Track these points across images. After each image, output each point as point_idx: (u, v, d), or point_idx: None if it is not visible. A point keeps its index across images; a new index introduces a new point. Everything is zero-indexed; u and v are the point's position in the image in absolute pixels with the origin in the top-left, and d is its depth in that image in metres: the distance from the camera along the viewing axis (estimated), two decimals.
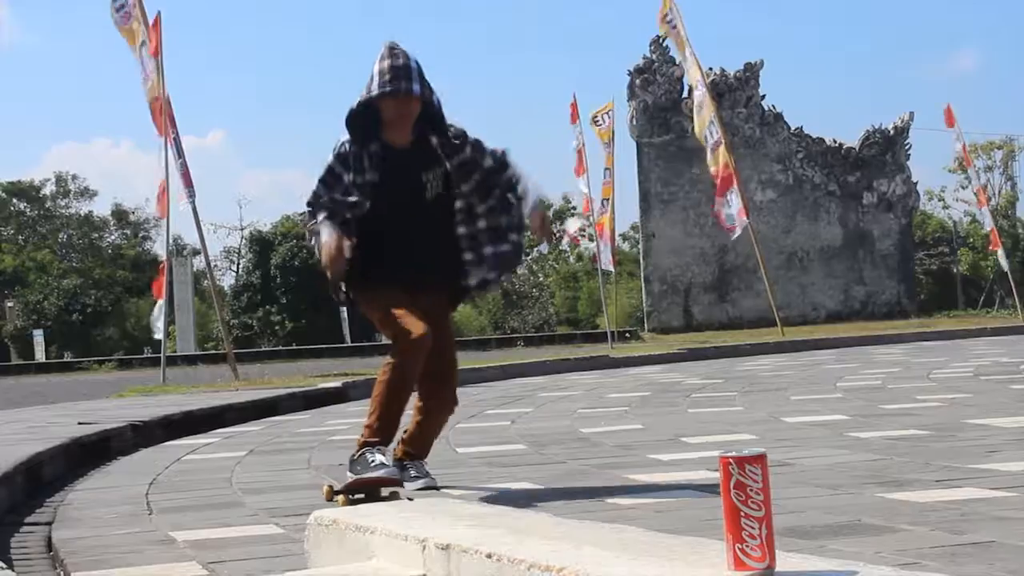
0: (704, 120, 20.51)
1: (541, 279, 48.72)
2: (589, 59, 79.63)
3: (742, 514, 2.11)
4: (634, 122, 27.88)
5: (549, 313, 43.76)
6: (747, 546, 2.11)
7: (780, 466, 4.83)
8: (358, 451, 4.45)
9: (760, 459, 2.14)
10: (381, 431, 4.47)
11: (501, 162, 4.75)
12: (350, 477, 4.37)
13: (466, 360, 13.40)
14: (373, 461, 4.34)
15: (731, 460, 2.13)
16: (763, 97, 28.79)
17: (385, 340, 4.79)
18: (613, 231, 23.11)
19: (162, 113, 13.98)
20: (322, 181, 4.61)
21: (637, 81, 28.21)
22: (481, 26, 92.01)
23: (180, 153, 14.36)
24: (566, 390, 11.10)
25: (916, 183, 29.78)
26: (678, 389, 10.44)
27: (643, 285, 28.65)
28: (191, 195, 14.37)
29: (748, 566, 2.11)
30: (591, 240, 20.57)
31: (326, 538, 3.19)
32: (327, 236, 4.48)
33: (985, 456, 4.91)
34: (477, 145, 4.71)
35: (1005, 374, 10.31)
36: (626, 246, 51.89)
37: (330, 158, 4.61)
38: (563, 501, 4.29)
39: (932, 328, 22.46)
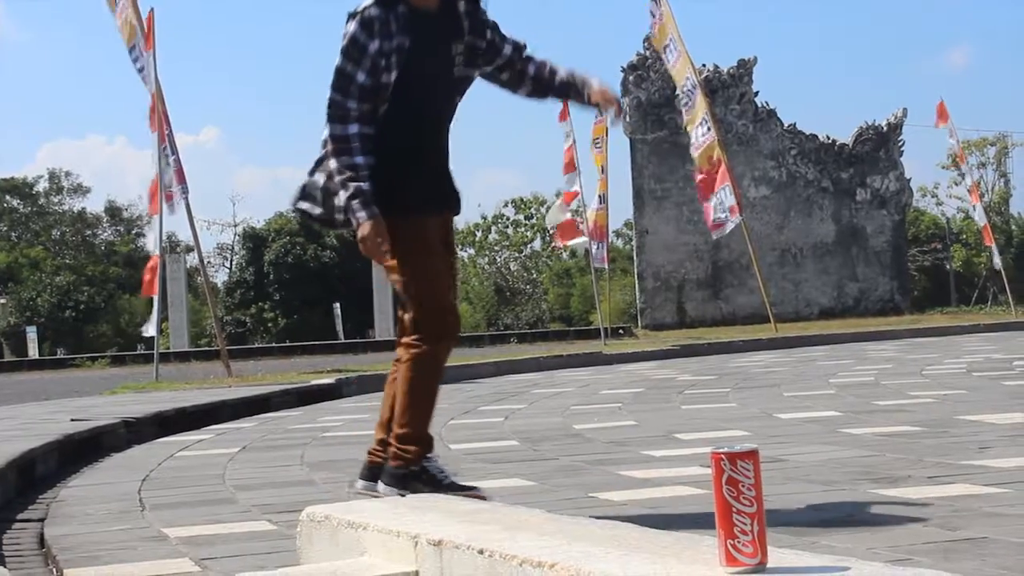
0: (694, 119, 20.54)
1: (535, 276, 48.75)
2: (585, 57, 79.72)
3: (734, 510, 2.11)
4: (627, 119, 27.85)
5: (542, 310, 43.80)
6: (739, 542, 2.11)
7: (772, 462, 4.84)
8: (404, 466, 3.91)
9: (752, 455, 2.14)
10: (424, 437, 3.94)
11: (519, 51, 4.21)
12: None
13: (459, 356, 13.40)
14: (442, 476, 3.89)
15: (723, 456, 2.13)
16: (756, 94, 28.80)
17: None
18: (607, 228, 23.09)
19: (154, 110, 13.95)
20: (344, 54, 3.90)
21: (630, 78, 28.21)
22: None
23: (174, 150, 14.34)
24: (559, 387, 11.10)
25: (909, 180, 29.78)
26: (671, 385, 10.44)
27: (636, 282, 28.66)
28: (184, 192, 14.35)
29: (740, 562, 2.11)
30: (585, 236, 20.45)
31: (318, 534, 3.19)
32: (365, 223, 3.83)
33: (978, 452, 4.92)
34: (496, 30, 4.16)
35: (998, 370, 10.32)
36: (620, 243, 51.94)
37: (351, 26, 3.90)
38: (556, 497, 4.30)
39: (925, 324, 22.47)
